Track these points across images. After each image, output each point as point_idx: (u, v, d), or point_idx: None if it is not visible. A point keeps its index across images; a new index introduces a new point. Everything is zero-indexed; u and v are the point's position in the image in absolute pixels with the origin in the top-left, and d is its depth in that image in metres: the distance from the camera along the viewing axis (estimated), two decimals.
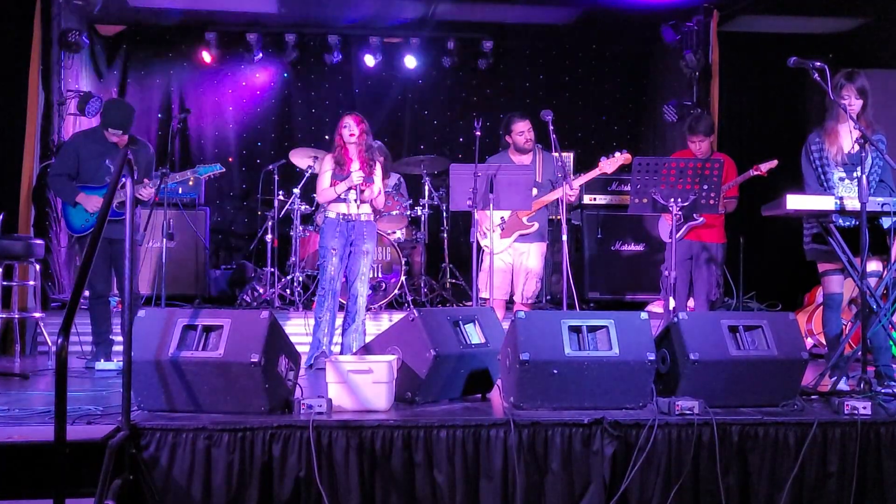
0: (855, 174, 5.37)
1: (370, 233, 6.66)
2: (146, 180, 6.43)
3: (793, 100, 10.28)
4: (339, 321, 6.83)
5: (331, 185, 6.60)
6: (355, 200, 6.49)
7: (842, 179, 5.55)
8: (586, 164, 7.06)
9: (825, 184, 5.58)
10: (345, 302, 6.81)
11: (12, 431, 4.10)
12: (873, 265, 5.54)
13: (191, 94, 10.46)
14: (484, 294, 6.80)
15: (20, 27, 8.22)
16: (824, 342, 6.21)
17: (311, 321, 6.77)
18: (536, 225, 6.98)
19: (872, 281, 5.40)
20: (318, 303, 6.65)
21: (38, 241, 7.18)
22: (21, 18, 8.24)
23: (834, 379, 5.34)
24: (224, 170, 6.95)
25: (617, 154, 6.90)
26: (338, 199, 6.57)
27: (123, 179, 4.17)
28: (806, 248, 5.76)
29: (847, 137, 5.54)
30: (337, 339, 6.85)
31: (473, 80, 10.96)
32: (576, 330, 4.66)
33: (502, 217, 6.95)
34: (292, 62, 10.47)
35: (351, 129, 6.62)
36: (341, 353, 6.53)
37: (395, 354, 4.83)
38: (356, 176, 6.45)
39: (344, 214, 6.57)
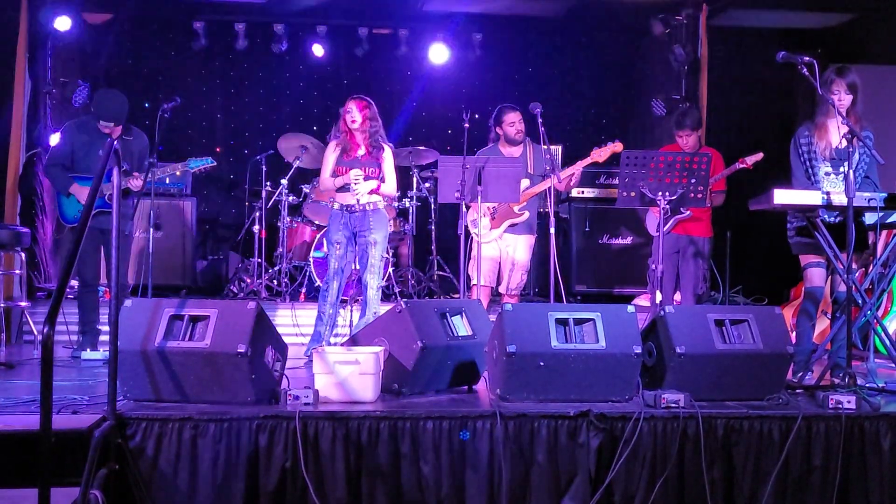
0: (841, 169, 5.39)
1: (377, 222, 6.46)
2: (135, 173, 6.39)
3: (781, 94, 10.31)
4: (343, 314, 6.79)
5: (333, 174, 6.47)
6: (353, 192, 6.37)
7: (828, 174, 5.56)
8: (575, 158, 7.06)
9: (812, 177, 5.60)
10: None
11: None
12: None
13: (178, 84, 10.40)
14: (475, 281, 6.80)
15: (7, 16, 8.17)
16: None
17: (298, 312, 6.74)
18: (527, 213, 6.99)
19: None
20: (321, 296, 6.59)
21: (24, 230, 7.15)
22: (8, 7, 8.19)
23: (801, 374, 5.39)
24: (215, 163, 6.89)
25: (609, 143, 6.91)
26: (341, 189, 6.44)
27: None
28: (791, 241, 5.78)
29: (836, 133, 5.55)
30: (338, 331, 6.83)
31: (463, 72, 10.94)
32: (563, 323, 4.67)
33: (494, 206, 6.96)
34: (280, 52, 10.43)
35: (353, 115, 6.46)
36: None
37: (382, 346, 4.83)
38: (353, 174, 6.33)
39: (347, 206, 6.44)
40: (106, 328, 5.84)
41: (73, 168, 6.45)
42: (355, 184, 6.32)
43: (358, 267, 6.58)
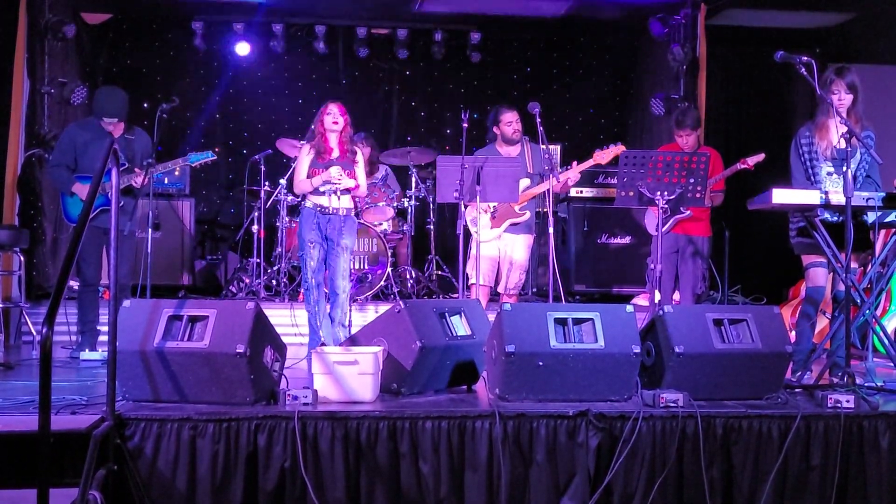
0: (843, 169, 5.37)
1: (349, 227, 6.47)
2: (137, 170, 6.39)
3: (779, 94, 10.33)
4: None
5: (308, 177, 6.44)
6: (332, 192, 6.37)
7: (829, 174, 5.55)
8: (574, 157, 7.06)
9: (812, 178, 5.59)
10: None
11: None
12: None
13: (177, 84, 10.40)
14: (473, 280, 6.79)
15: (5, 15, 8.17)
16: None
17: (297, 312, 6.72)
18: (527, 213, 7.00)
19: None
20: (305, 297, 6.58)
21: (24, 231, 7.14)
22: (6, 6, 8.19)
23: (800, 374, 5.39)
24: (216, 157, 6.87)
25: (611, 146, 6.89)
26: (316, 191, 6.42)
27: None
28: (792, 241, 5.77)
29: (836, 133, 5.53)
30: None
31: (461, 72, 10.94)
32: (561, 322, 4.67)
33: (494, 206, 6.96)
34: (279, 52, 10.43)
35: (335, 116, 6.49)
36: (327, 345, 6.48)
37: (381, 346, 4.83)
38: (335, 171, 6.34)
39: (321, 207, 6.40)
40: (105, 328, 5.84)
41: (76, 168, 6.45)
42: (338, 181, 6.31)
43: (327, 269, 6.57)
